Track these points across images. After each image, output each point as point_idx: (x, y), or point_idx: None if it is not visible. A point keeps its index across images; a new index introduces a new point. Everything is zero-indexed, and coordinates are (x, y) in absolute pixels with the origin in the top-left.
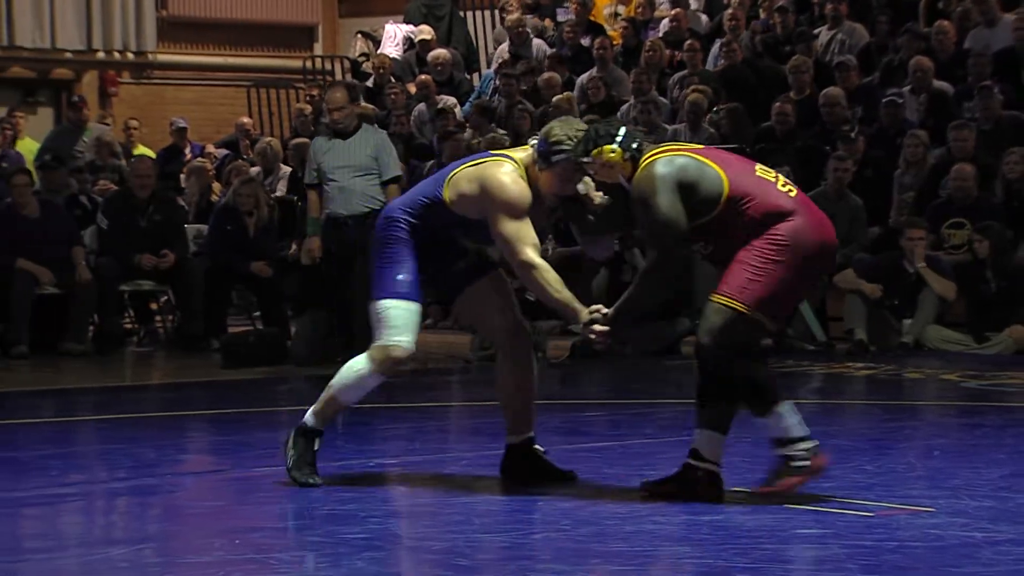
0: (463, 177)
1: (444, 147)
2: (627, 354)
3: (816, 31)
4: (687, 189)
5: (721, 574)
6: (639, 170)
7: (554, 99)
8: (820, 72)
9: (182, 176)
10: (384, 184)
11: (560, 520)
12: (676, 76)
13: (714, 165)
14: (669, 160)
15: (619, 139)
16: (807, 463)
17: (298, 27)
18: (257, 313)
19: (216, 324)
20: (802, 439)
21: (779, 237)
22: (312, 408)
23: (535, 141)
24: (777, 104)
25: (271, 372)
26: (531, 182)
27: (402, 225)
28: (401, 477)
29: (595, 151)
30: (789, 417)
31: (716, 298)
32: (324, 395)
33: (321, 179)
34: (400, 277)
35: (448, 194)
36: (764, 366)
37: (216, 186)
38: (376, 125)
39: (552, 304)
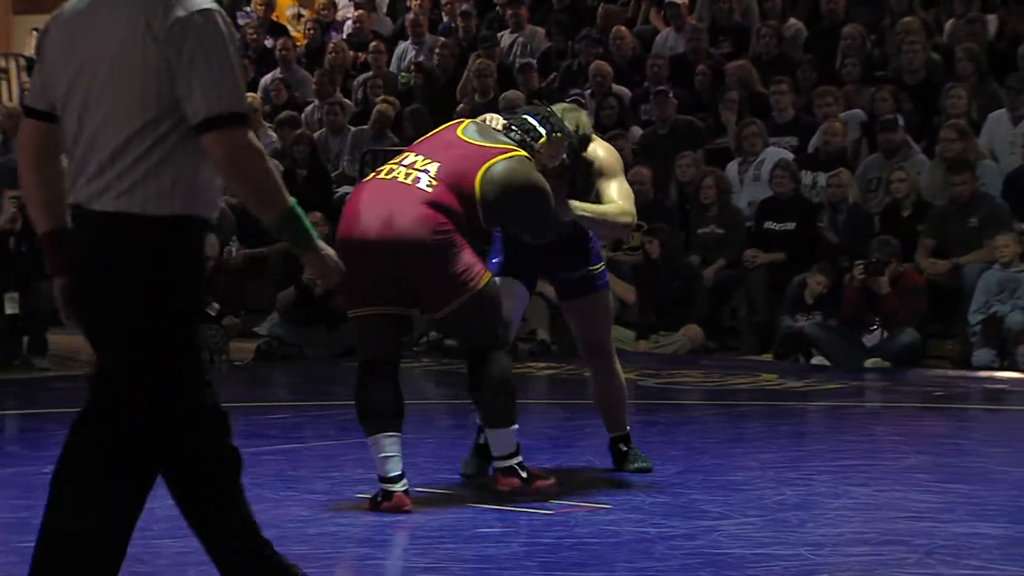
0: None
1: None
2: (308, 356)
3: (499, 35)
4: None
5: (403, 575)
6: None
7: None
8: (502, 75)
9: None
10: None
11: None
12: (361, 78)
13: None
14: None
15: None
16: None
17: None
18: None
19: None
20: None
21: None
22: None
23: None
24: (460, 106)
25: None
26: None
27: None
28: None
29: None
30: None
31: None
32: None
33: None
34: (494, 260)
35: None
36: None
37: None
38: None
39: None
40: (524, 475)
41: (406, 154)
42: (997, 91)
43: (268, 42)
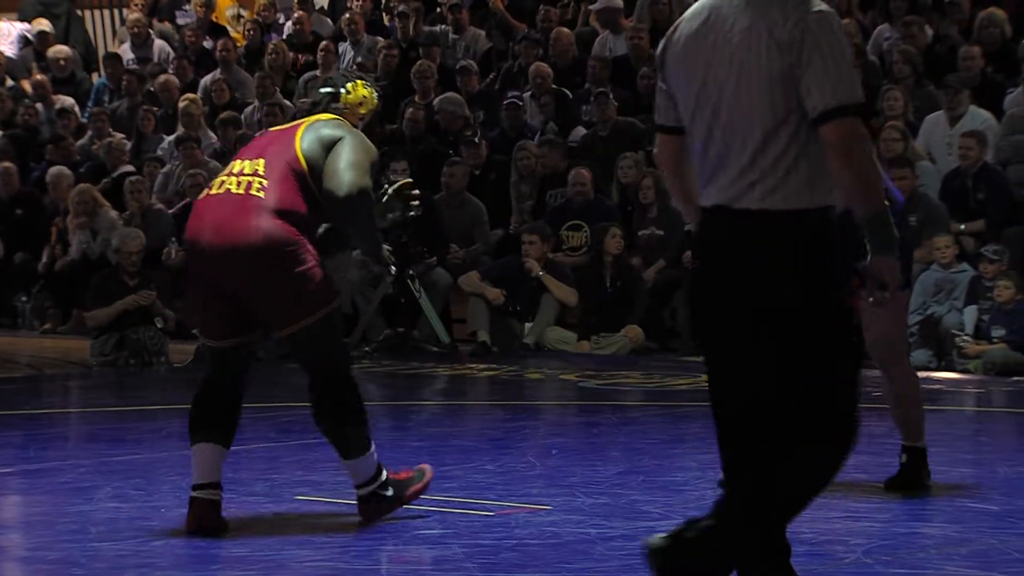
0: None
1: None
2: (260, 358)
3: (444, 28)
4: None
5: None
6: None
7: (180, 102)
8: (445, 77)
9: None
10: None
11: (180, 526)
12: (308, 75)
13: None
14: None
15: None
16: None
17: None
18: None
19: None
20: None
21: None
22: None
23: None
24: (410, 110)
25: None
26: None
27: None
28: (15, 486)
29: None
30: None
31: None
32: None
33: None
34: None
35: None
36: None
37: None
38: None
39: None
40: (388, 493)
41: (233, 163)
42: (933, 93)
43: (208, 43)
